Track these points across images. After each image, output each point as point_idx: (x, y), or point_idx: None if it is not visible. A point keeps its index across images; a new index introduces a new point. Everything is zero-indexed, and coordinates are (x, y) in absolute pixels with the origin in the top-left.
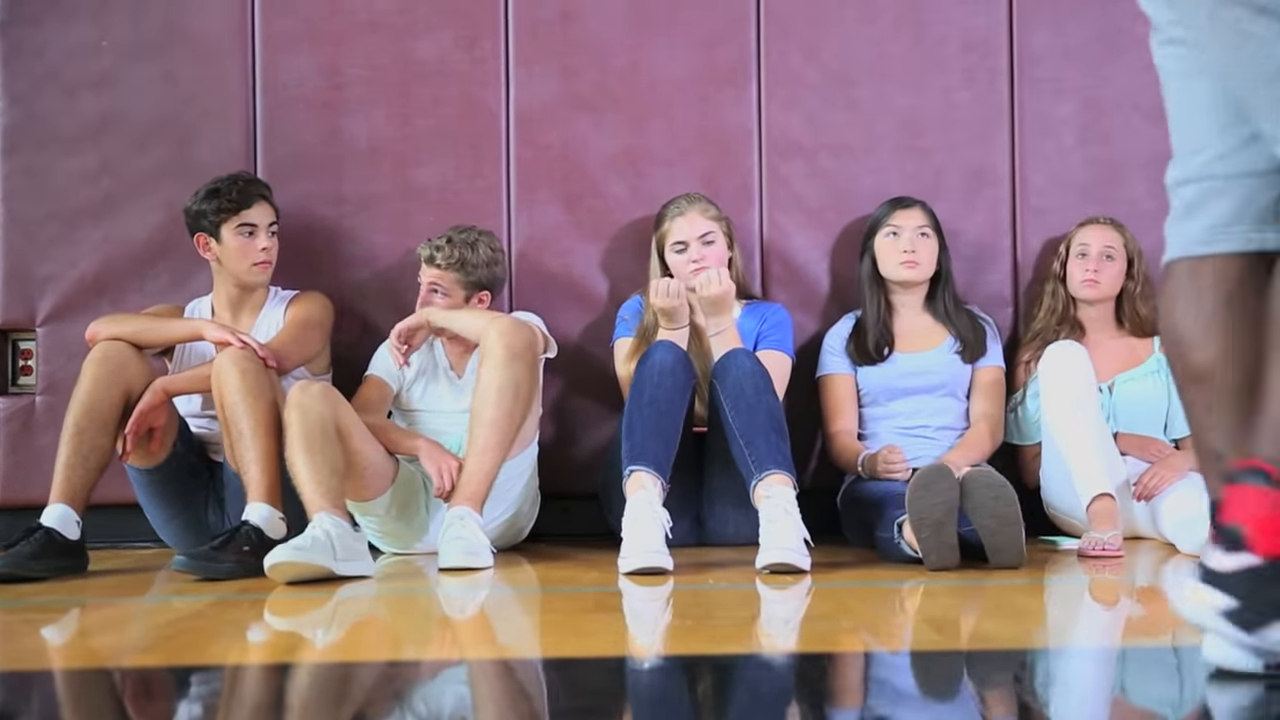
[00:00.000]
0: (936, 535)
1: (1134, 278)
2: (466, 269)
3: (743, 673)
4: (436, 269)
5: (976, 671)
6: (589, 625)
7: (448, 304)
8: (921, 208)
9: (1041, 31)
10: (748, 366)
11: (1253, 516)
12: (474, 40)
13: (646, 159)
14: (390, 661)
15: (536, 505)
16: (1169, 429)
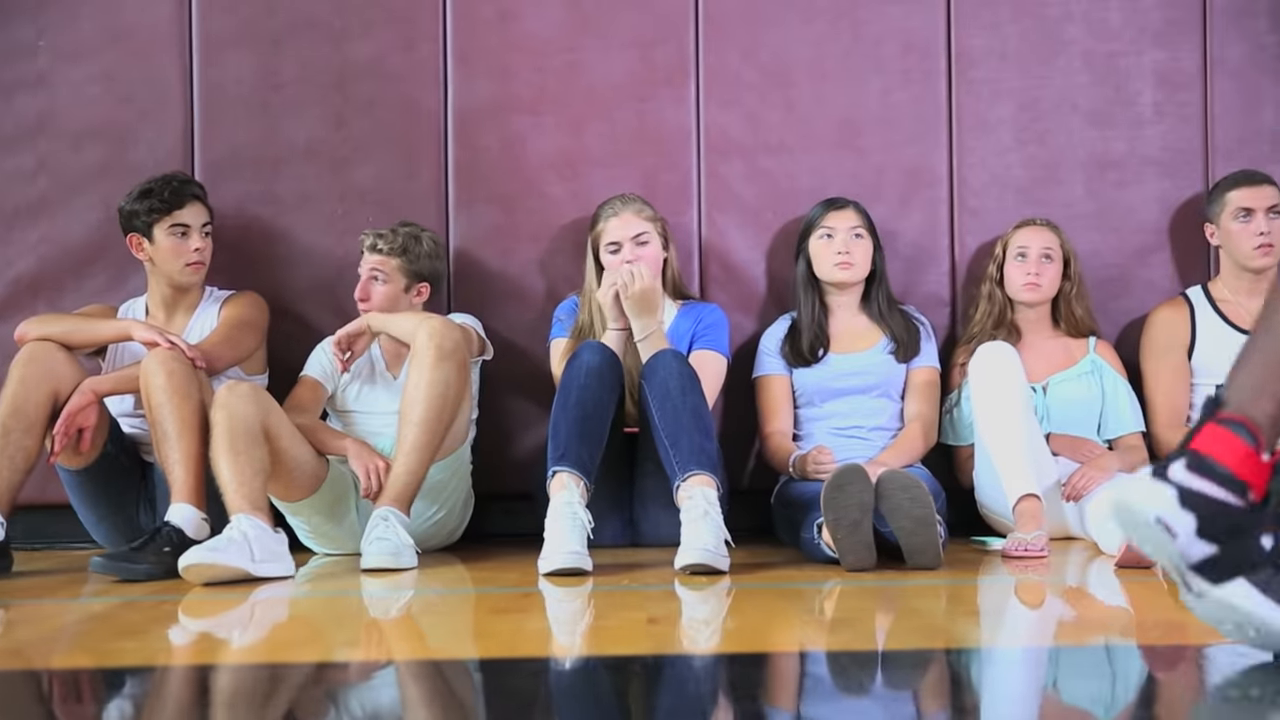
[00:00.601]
0: (852, 536)
1: (1070, 278)
2: (409, 257)
3: (615, 674)
4: (379, 255)
5: (844, 672)
6: (493, 626)
7: (388, 291)
8: (855, 208)
9: (979, 33)
10: (674, 367)
11: (1237, 459)
12: (412, 41)
13: (585, 160)
14: (297, 663)
15: (470, 505)
16: (1102, 429)
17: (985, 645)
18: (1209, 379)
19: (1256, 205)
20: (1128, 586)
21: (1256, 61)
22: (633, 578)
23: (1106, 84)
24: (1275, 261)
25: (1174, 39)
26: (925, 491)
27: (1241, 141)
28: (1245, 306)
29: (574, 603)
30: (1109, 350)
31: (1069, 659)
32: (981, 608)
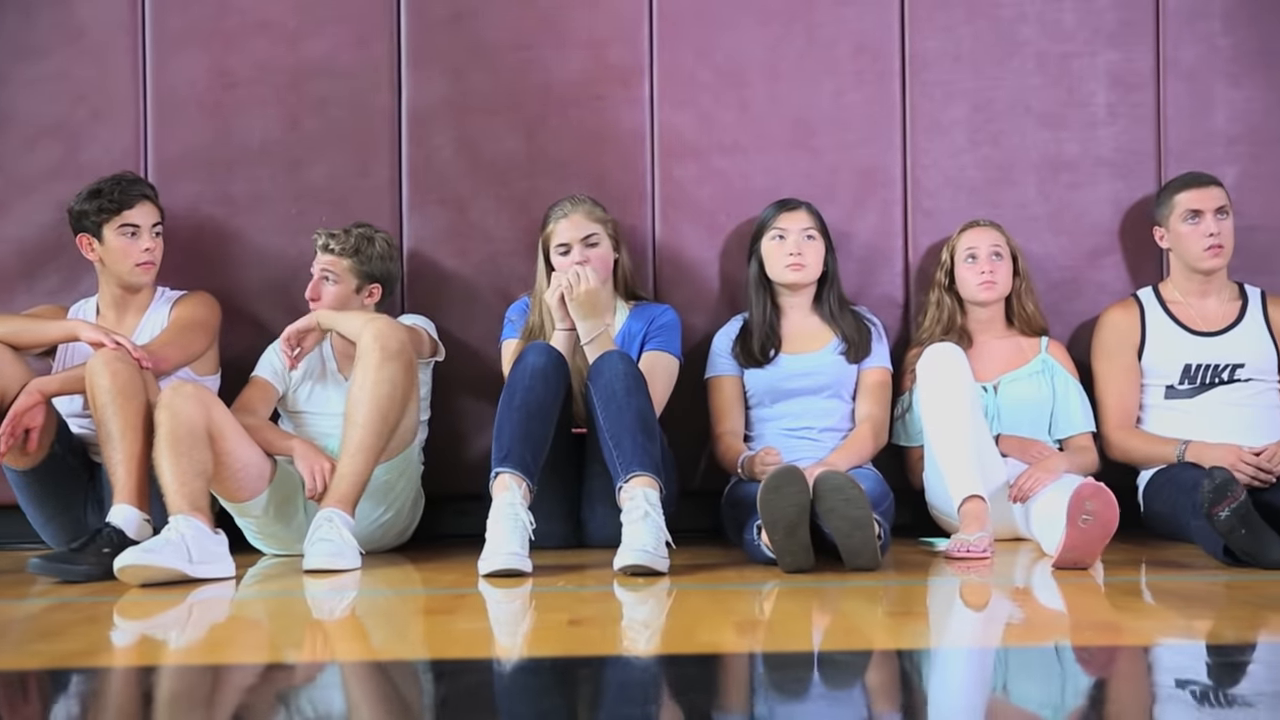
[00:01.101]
0: (789, 538)
1: (1019, 275)
2: (361, 257)
3: (531, 676)
4: (331, 255)
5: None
6: (419, 628)
7: (338, 291)
8: (807, 210)
9: (932, 35)
10: (620, 369)
11: None
12: (365, 41)
13: (539, 160)
14: (230, 664)
15: (420, 506)
16: (1053, 429)
17: (909, 647)
18: (1159, 380)
19: (1205, 206)
20: (1063, 588)
21: (1209, 63)
22: (571, 579)
23: (1060, 85)
24: (1225, 263)
25: (1127, 41)
26: (862, 493)
27: (1194, 143)
28: (1195, 308)
29: (510, 604)
30: (1061, 350)
31: (998, 660)
32: (911, 609)
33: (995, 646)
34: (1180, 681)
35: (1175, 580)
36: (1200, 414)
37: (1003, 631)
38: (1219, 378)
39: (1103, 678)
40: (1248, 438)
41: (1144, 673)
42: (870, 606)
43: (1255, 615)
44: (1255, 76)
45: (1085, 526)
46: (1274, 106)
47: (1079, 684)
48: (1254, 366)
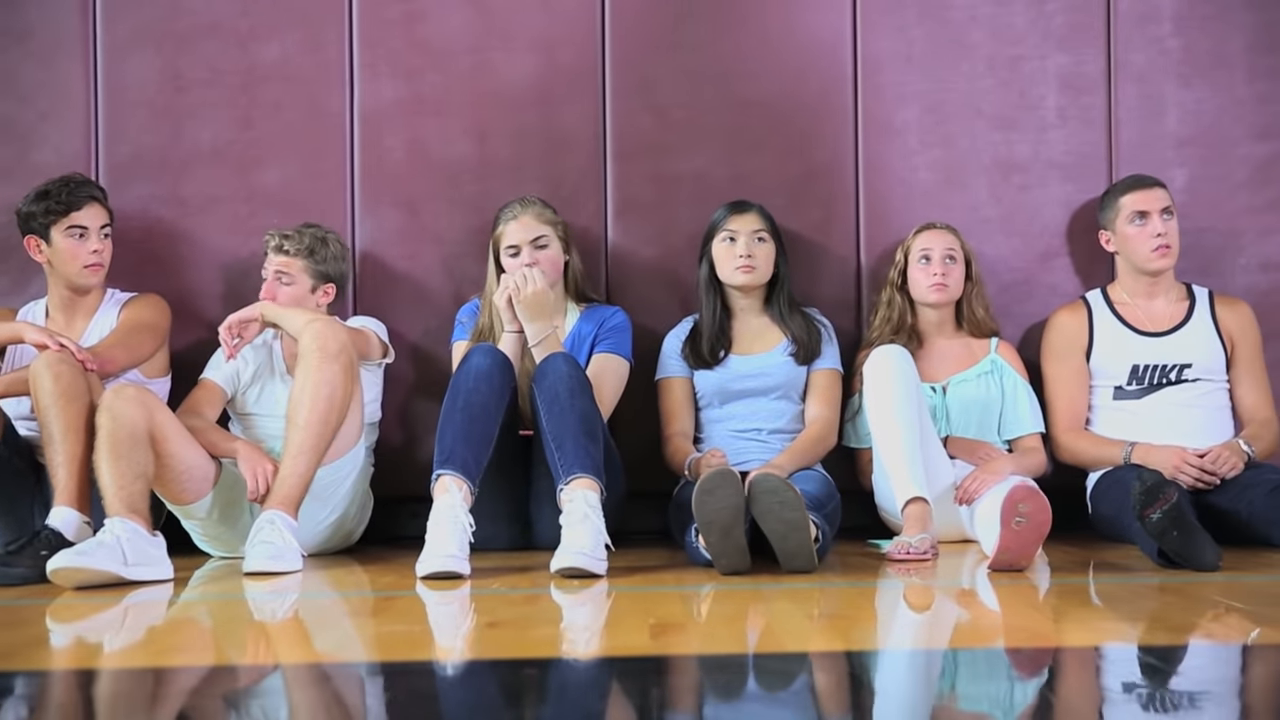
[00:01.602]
0: (725, 539)
1: (971, 279)
2: (315, 258)
3: (450, 679)
4: (285, 255)
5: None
6: (353, 629)
7: (293, 292)
8: (758, 211)
9: (884, 36)
10: (564, 371)
11: None
12: (317, 43)
13: (491, 162)
14: (163, 668)
15: (368, 507)
16: (1002, 430)
17: (833, 649)
18: (1107, 381)
19: (1151, 207)
20: (998, 589)
21: (1159, 66)
22: (508, 581)
23: (1011, 88)
24: (1172, 263)
25: (1078, 44)
26: (797, 496)
27: (1144, 146)
28: (1143, 309)
29: (445, 606)
30: (1010, 351)
31: (928, 662)
32: (839, 612)
33: (924, 649)
34: (1110, 685)
35: (1109, 583)
36: (1148, 415)
37: (933, 634)
38: (1167, 378)
39: (1033, 680)
40: (1196, 439)
41: (1071, 675)
42: (798, 609)
43: (1176, 618)
44: (1205, 79)
45: (1019, 529)
46: (1224, 109)
47: (1009, 687)
48: (1201, 366)
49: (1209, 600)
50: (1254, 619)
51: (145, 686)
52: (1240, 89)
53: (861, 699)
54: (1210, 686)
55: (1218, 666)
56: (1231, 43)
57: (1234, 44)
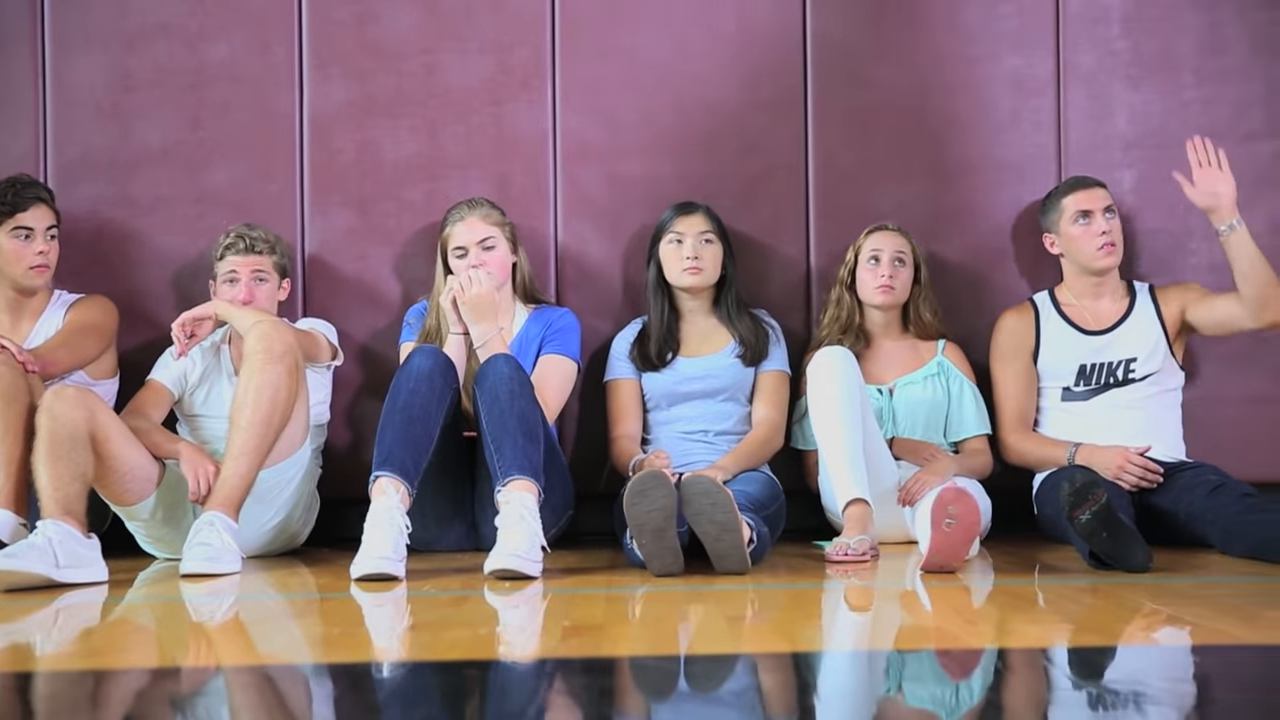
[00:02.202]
0: (657, 541)
1: (920, 283)
2: (277, 254)
3: (358, 680)
4: (256, 255)
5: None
6: (276, 631)
7: (269, 290)
8: (705, 213)
9: (836, 35)
10: (504, 372)
11: None
12: (267, 43)
13: (441, 163)
14: (92, 670)
15: (314, 509)
16: (948, 432)
17: (756, 651)
18: (1055, 382)
19: (1094, 206)
20: (930, 590)
21: (1108, 67)
22: (441, 583)
23: (963, 88)
24: (1119, 260)
25: (1028, 45)
26: (728, 497)
27: (1094, 147)
28: (1089, 310)
29: (377, 608)
30: (957, 353)
31: (848, 662)
32: (757, 612)
33: (850, 650)
34: (1030, 686)
35: (1041, 584)
36: (1095, 417)
37: (861, 635)
38: (1113, 376)
39: (959, 681)
40: (1143, 441)
41: (997, 674)
42: (718, 610)
43: (1088, 620)
44: (1153, 80)
45: (949, 530)
46: (1172, 110)
47: (936, 690)
48: (1146, 360)
49: (1129, 602)
50: (1171, 621)
51: (80, 689)
52: (1188, 91)
53: (779, 700)
54: (1124, 688)
55: (1133, 668)
56: (1179, 45)
57: (1182, 46)
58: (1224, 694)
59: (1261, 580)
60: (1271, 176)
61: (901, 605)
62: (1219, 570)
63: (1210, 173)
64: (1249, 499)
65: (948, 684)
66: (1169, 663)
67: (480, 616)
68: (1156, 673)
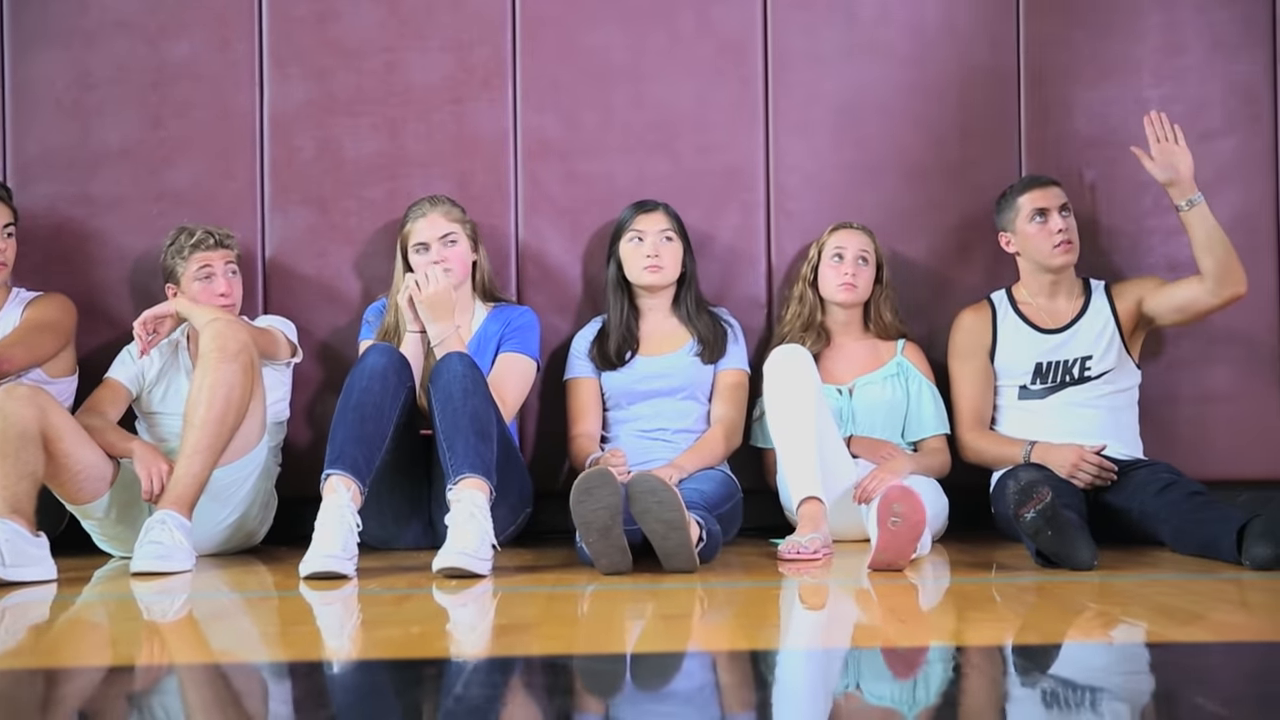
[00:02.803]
0: (603, 540)
1: (881, 283)
2: (234, 246)
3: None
4: (225, 249)
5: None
6: (219, 630)
7: (239, 281)
8: (665, 211)
9: (795, 36)
10: (458, 370)
11: None
12: (227, 42)
13: (401, 162)
14: (40, 669)
15: (270, 508)
16: (906, 432)
17: (684, 649)
18: (1012, 381)
19: (1050, 205)
20: (876, 589)
21: (1067, 66)
22: (385, 582)
23: (921, 88)
24: (1074, 259)
25: (988, 43)
26: (675, 496)
27: (1053, 145)
28: (1045, 308)
29: (327, 606)
30: (917, 353)
31: (796, 661)
32: (682, 611)
33: (794, 649)
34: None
35: (985, 583)
36: (1051, 415)
37: (810, 633)
38: (1069, 375)
39: (904, 679)
40: (1099, 439)
41: (935, 674)
42: (660, 609)
43: (1034, 620)
44: (1112, 80)
45: (894, 529)
46: (1131, 110)
47: (876, 686)
48: (1102, 358)
49: (1069, 602)
50: (1105, 620)
51: (28, 688)
52: (1147, 90)
53: (720, 699)
54: (1057, 686)
55: (1069, 667)
56: (1139, 44)
57: (1142, 46)
58: (1149, 693)
59: (1207, 579)
60: (1230, 174)
61: (853, 603)
62: (1167, 568)
63: (1168, 147)
64: (1199, 497)
65: (894, 682)
66: (1102, 663)
67: (418, 615)
68: (1087, 672)
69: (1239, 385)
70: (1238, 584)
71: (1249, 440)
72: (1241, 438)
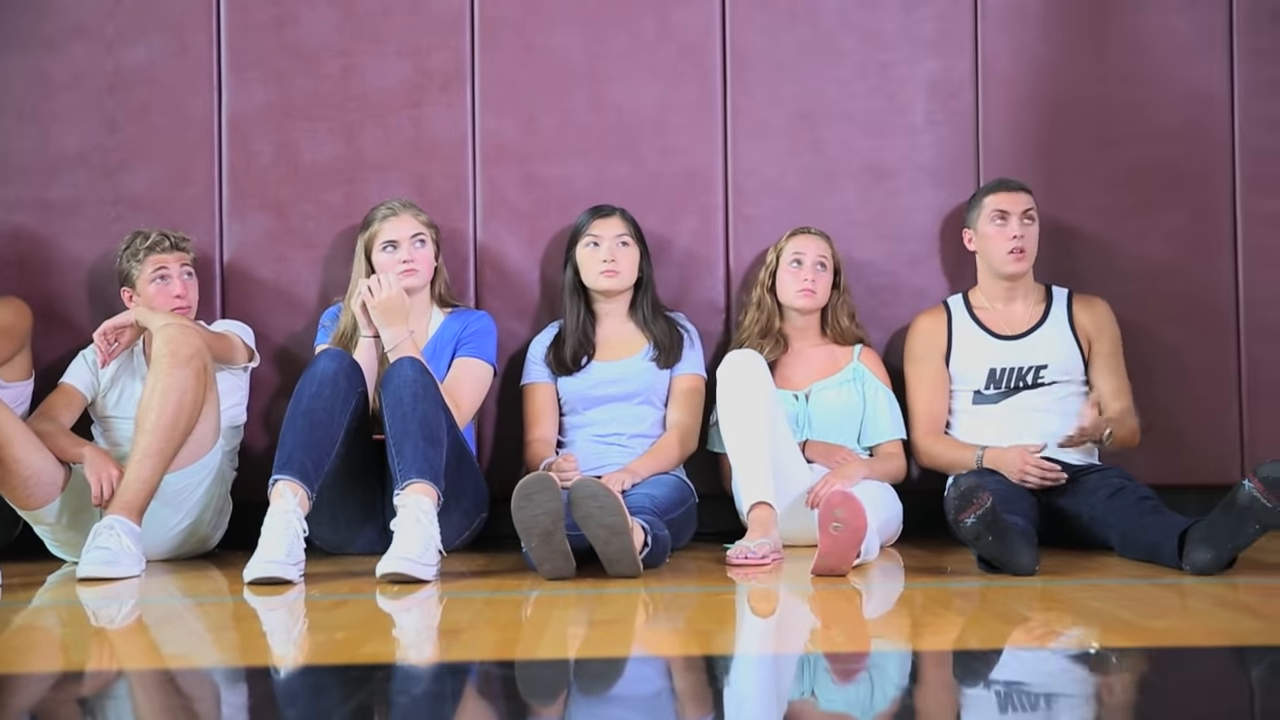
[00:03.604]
0: (545, 545)
1: (839, 288)
2: (190, 249)
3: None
4: (180, 251)
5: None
6: (165, 634)
7: (195, 284)
8: (621, 216)
9: (754, 39)
10: (408, 375)
11: None
12: (185, 46)
13: (360, 166)
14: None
15: (225, 513)
16: (862, 437)
17: (625, 655)
18: (966, 385)
19: (1012, 209)
20: (818, 594)
21: (1026, 71)
22: (326, 587)
23: (880, 93)
24: (1027, 268)
25: (946, 49)
26: (616, 500)
27: (1011, 150)
28: (1001, 313)
29: (270, 612)
30: (873, 358)
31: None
32: (616, 617)
33: (728, 654)
34: (888, 688)
35: (934, 587)
36: (1004, 419)
37: (753, 640)
38: (1023, 381)
39: (843, 684)
40: (1053, 444)
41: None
42: (600, 613)
43: (975, 626)
44: (1070, 83)
45: (836, 534)
46: (1090, 114)
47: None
48: (1057, 367)
49: (1002, 607)
50: (1040, 626)
51: None
52: (1106, 94)
53: (661, 706)
54: (977, 692)
55: (988, 672)
56: (1097, 47)
57: (1100, 49)
58: (1084, 698)
59: (1146, 584)
60: (1184, 178)
61: (799, 608)
62: (1110, 573)
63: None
64: (1146, 502)
65: (834, 686)
66: (1043, 668)
67: (347, 620)
68: (1032, 676)
69: (1193, 390)
70: (1177, 589)
71: (1202, 445)
72: (1195, 442)
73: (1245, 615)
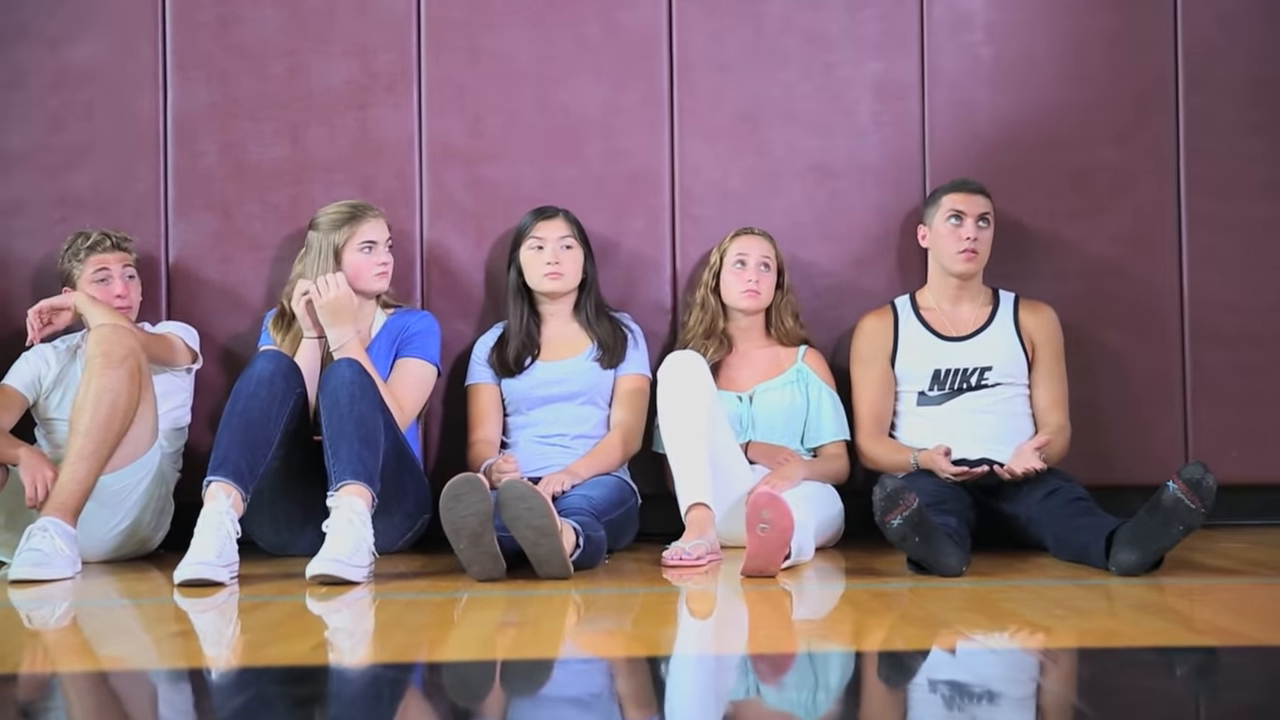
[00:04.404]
0: (474, 547)
1: (782, 288)
2: (132, 249)
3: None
4: (122, 251)
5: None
6: (94, 636)
7: (137, 285)
8: (565, 217)
9: (700, 41)
10: (346, 375)
11: None
12: (129, 45)
13: (306, 167)
14: None
15: (167, 514)
16: (806, 438)
17: (552, 657)
18: (911, 386)
19: (968, 210)
20: (747, 595)
21: (972, 73)
22: (256, 589)
23: (826, 94)
24: (977, 269)
25: (891, 51)
26: (544, 502)
27: (957, 151)
28: (948, 314)
29: (202, 614)
30: (818, 359)
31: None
32: (530, 619)
33: (649, 655)
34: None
35: (864, 589)
36: (947, 421)
37: (691, 641)
38: (967, 382)
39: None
40: (996, 444)
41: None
42: (493, 617)
43: (904, 625)
44: (1016, 85)
45: (764, 535)
46: (1035, 116)
47: (738, 691)
48: (1002, 370)
49: (926, 608)
50: (962, 626)
51: None
52: (1051, 96)
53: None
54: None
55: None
56: (1042, 49)
57: (1044, 51)
58: (1008, 698)
59: (1072, 584)
60: (1128, 180)
61: (727, 608)
62: (1038, 574)
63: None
64: (1079, 503)
65: (764, 688)
66: (971, 667)
67: (272, 621)
68: (966, 676)
69: (1136, 391)
70: (1103, 590)
71: (1146, 446)
72: (1138, 443)
73: (1166, 617)
